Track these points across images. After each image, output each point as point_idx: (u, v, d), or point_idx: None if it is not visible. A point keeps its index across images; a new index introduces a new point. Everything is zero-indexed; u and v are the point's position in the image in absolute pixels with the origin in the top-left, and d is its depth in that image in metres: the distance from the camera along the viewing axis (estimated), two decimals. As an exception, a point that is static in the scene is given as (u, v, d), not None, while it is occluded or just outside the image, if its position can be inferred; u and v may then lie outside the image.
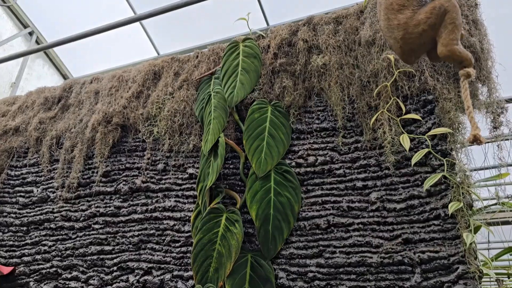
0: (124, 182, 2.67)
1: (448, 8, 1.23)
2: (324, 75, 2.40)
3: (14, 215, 2.89)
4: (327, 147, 2.26)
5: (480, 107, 2.08)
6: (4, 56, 4.08)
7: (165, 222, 2.44)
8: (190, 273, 2.23)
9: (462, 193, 1.87)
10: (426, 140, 2.05)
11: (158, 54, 6.23)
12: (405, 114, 2.15)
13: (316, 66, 2.42)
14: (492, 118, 2.03)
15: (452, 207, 1.81)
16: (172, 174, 2.58)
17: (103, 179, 2.74)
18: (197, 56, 2.95)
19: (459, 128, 2.01)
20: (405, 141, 2.04)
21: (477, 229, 1.87)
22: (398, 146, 2.09)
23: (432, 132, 2.02)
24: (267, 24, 5.18)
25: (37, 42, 6.50)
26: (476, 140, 1.17)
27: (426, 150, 2.00)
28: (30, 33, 6.41)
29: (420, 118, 2.10)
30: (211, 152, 2.37)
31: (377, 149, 2.15)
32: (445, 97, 2.09)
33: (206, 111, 2.55)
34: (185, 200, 2.47)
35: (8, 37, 6.14)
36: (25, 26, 6.33)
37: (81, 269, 2.50)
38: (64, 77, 6.89)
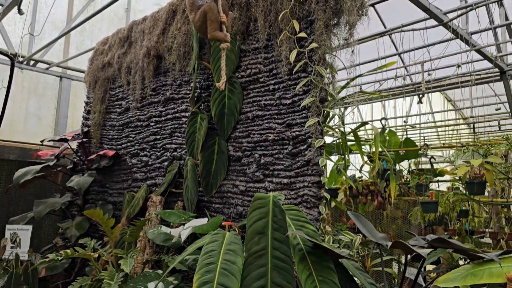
0: (162, 94, 4.13)
1: (206, 10, 2.16)
2: (256, 6, 3.27)
3: (115, 120, 4.70)
4: (257, 62, 3.26)
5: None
6: None
7: (182, 119, 3.87)
8: (195, 149, 3.68)
9: (318, 91, 2.76)
10: (306, 53, 2.90)
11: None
12: (299, 33, 2.97)
13: (253, -2, 3.29)
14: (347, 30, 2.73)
15: (305, 101, 2.76)
16: (184, 87, 3.91)
17: (152, 93, 4.25)
18: (195, -6, 3.98)
19: (325, 43, 2.79)
20: (292, 55, 2.93)
21: (327, 115, 2.79)
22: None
23: (309, 47, 2.85)
24: None
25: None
26: (219, 88, 2.19)
27: (304, 61, 2.87)
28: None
29: (306, 36, 2.92)
30: (193, 73, 3.60)
31: (282, 61, 3.07)
32: (319, 18, 2.82)
33: (192, 43, 3.70)
34: (191, 104, 3.82)
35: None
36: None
37: (147, 149, 4.20)
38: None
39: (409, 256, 2.38)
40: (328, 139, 5.51)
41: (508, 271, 1.90)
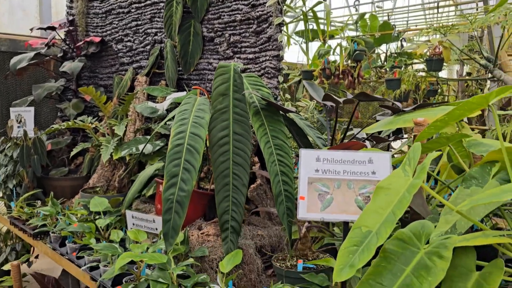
0: (140, -19, 4.34)
1: None
2: None
3: (98, 8, 4.93)
4: None
5: None
6: None
7: (160, 4, 4.14)
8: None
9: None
10: None
11: None
12: None
13: None
14: None
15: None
16: (160, -28, 4.12)
17: (131, -20, 4.44)
18: None
19: None
20: None
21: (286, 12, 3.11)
22: None
23: None
24: None
25: None
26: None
27: None
28: None
29: None
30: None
31: None
32: None
33: None
34: (167, -11, 4.06)
35: None
36: None
37: (130, 35, 4.52)
38: None
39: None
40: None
41: (416, 117, 2.43)
